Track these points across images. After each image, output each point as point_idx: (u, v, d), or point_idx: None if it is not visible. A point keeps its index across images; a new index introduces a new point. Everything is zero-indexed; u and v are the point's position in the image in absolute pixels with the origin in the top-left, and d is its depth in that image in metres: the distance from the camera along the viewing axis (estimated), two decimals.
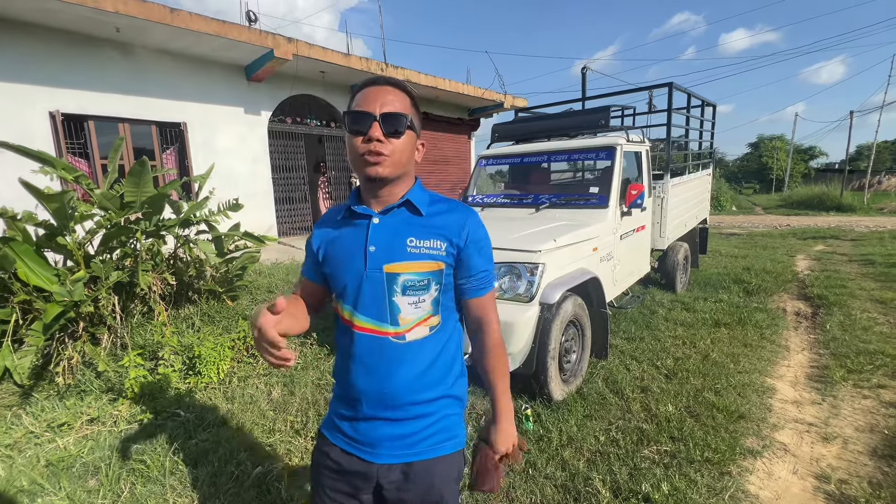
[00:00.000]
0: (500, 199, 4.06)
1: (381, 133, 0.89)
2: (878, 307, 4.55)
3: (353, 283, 0.95)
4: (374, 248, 0.94)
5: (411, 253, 0.93)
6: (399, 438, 0.95)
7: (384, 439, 0.95)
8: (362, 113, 0.89)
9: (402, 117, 0.91)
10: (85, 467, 2.10)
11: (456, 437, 1.01)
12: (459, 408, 1.05)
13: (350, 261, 0.95)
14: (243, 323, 3.60)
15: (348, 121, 0.92)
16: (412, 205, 0.96)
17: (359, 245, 0.95)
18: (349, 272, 0.95)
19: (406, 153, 0.94)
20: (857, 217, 14.61)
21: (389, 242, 0.94)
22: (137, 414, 2.60)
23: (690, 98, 5.17)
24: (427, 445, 0.97)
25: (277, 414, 2.62)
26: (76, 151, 5.85)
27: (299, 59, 6.86)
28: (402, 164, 0.94)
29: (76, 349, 3.17)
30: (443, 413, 0.99)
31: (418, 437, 0.96)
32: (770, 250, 8.14)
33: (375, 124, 0.89)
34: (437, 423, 0.98)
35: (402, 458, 0.95)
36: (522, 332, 2.50)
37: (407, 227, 0.95)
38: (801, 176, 36.17)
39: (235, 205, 4.08)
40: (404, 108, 0.92)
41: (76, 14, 4.96)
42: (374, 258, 0.93)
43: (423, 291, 0.94)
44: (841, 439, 2.37)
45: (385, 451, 0.95)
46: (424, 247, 0.94)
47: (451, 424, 1.01)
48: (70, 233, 3.30)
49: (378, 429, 0.95)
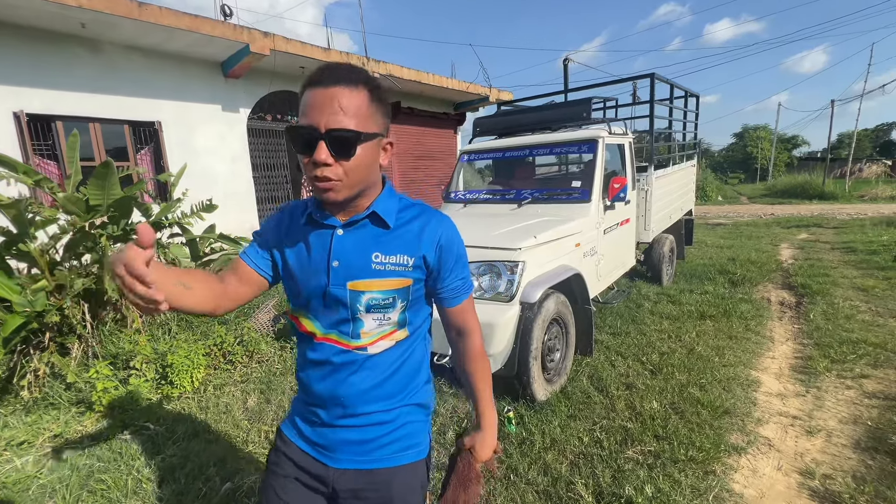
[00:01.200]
0: (482, 194, 3.98)
1: (329, 154, 0.76)
2: (860, 295, 4.58)
3: (315, 297, 0.89)
4: (338, 262, 0.86)
5: (376, 270, 0.87)
6: (358, 444, 0.91)
7: (343, 444, 0.92)
8: (305, 129, 0.76)
9: (352, 135, 0.76)
10: (42, 489, 1.99)
11: (419, 445, 0.96)
12: (423, 415, 0.99)
13: (313, 274, 0.88)
14: (220, 328, 3.48)
15: (290, 138, 0.80)
16: (378, 217, 0.88)
17: (322, 258, 0.88)
18: (311, 286, 0.89)
19: (362, 170, 0.81)
20: (839, 205, 14.84)
21: (353, 258, 0.87)
22: (104, 428, 2.48)
23: (673, 89, 5.13)
24: (387, 453, 0.92)
25: (252, 424, 2.52)
26: (44, 153, 5.62)
27: (277, 55, 6.67)
28: (360, 182, 0.83)
29: (43, 361, 3.04)
30: (404, 420, 0.94)
31: (378, 444, 0.92)
32: (755, 240, 8.19)
33: (321, 144, 0.75)
34: (398, 430, 0.93)
35: (360, 465, 0.91)
36: (503, 332, 2.43)
37: (373, 241, 0.88)
38: (784, 165, 36.70)
39: (209, 206, 3.94)
40: (358, 116, 0.77)
41: (38, 9, 4.73)
42: (336, 274, 0.86)
43: (388, 310, 0.89)
44: (825, 432, 2.35)
45: (343, 455, 0.92)
46: (390, 263, 0.87)
47: (413, 431, 0.96)
48: (32, 239, 3.15)
49: (338, 434, 0.92)
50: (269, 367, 3.29)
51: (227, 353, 3.36)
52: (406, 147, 10.11)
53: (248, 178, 7.59)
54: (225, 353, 3.36)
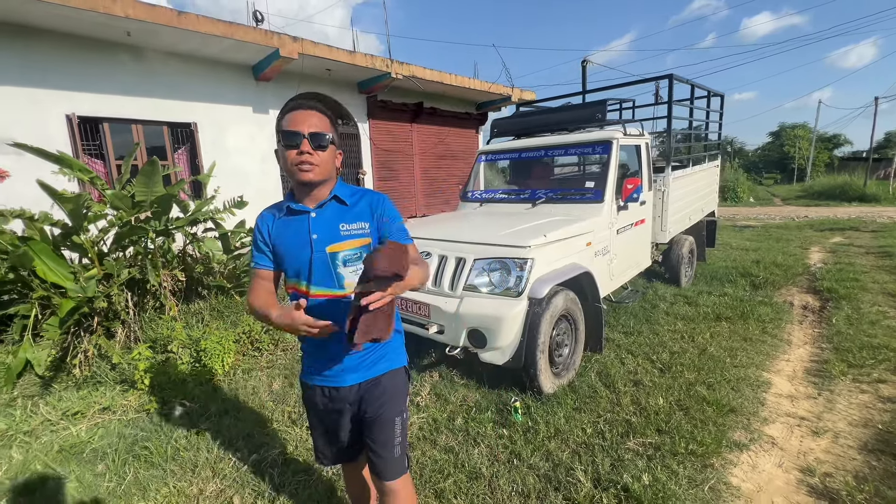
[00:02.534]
0: (497, 194, 4.09)
1: (310, 147, 1.18)
2: (889, 300, 4.44)
3: (305, 264, 1.24)
4: (316, 235, 1.23)
5: (344, 235, 1.24)
6: (357, 367, 1.29)
7: (347, 370, 1.29)
8: (294, 132, 1.17)
9: (325, 136, 1.20)
10: (94, 453, 2.24)
11: (399, 358, 1.37)
12: (399, 337, 1.40)
13: (300, 248, 1.24)
14: (248, 318, 3.72)
15: (282, 138, 1.18)
16: (339, 198, 1.27)
17: (303, 235, 1.24)
18: (301, 256, 1.23)
19: (329, 162, 1.24)
20: (881, 207, 14.12)
21: (327, 229, 1.24)
22: (146, 404, 2.74)
23: (694, 89, 5.08)
24: (378, 366, 1.32)
25: (276, 405, 2.73)
26: (92, 152, 6.07)
27: (305, 58, 6.94)
28: (327, 170, 1.24)
29: (91, 343, 3.35)
30: (384, 343, 1.26)
31: (370, 361, 1.31)
32: (784, 242, 7.96)
33: (305, 141, 1.17)
34: (382, 348, 1.33)
35: (360, 378, 1.30)
36: (511, 326, 2.54)
37: (338, 216, 1.26)
38: (824, 165, 34.95)
39: (240, 202, 4.20)
40: (326, 128, 1.21)
41: (89, 19, 5.13)
42: (317, 243, 1.23)
43: (358, 261, 1.25)
44: (832, 433, 2.36)
45: (349, 376, 1.29)
46: (353, 229, 1.25)
47: (393, 348, 1.36)
48: (84, 232, 3.46)
49: (342, 363, 1.28)
50: (293, 355, 3.51)
51: (254, 340, 3.60)
52: (428, 146, 10.28)
53: (276, 176, 7.92)
54: (253, 341, 3.60)
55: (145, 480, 2.03)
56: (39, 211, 3.46)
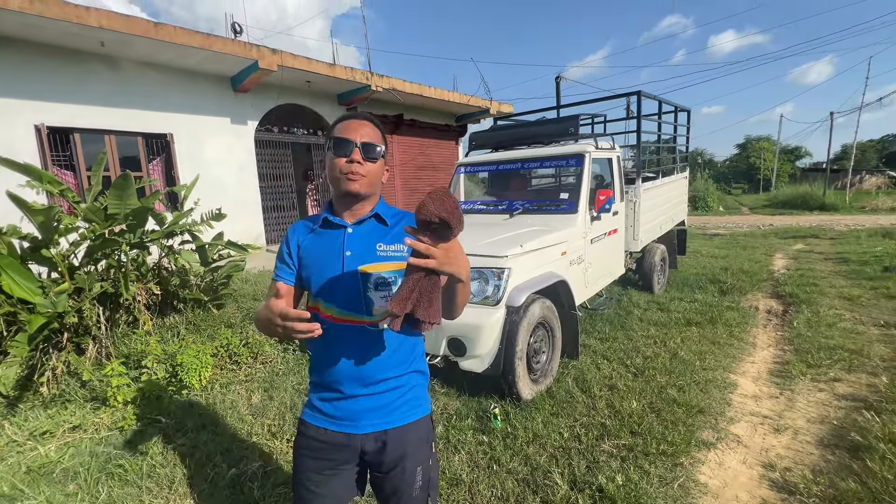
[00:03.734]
0: (476, 205, 4.19)
1: (361, 157, 1.08)
2: (845, 304, 4.72)
3: (332, 282, 1.11)
4: (350, 252, 1.11)
5: (380, 256, 1.12)
6: (376, 409, 1.11)
7: (363, 412, 1.11)
8: (346, 140, 1.08)
9: (377, 147, 1.11)
10: (65, 472, 2.18)
11: (423, 405, 1.19)
12: (424, 380, 1.22)
13: (329, 264, 1.11)
14: (226, 331, 3.68)
15: (333, 145, 1.10)
16: (380, 217, 1.16)
17: (336, 250, 1.12)
18: (329, 273, 1.11)
19: (377, 175, 1.14)
20: (839, 216, 14.92)
21: (362, 247, 1.12)
22: (119, 421, 2.67)
23: (661, 104, 5.34)
24: (400, 413, 1.13)
25: (256, 418, 2.71)
26: (62, 164, 5.91)
27: (284, 70, 6.97)
28: (374, 184, 1.13)
29: (60, 359, 3.24)
30: (411, 385, 1.16)
31: (392, 407, 1.12)
32: (750, 250, 8.33)
33: (356, 150, 1.08)
34: (407, 393, 1.15)
35: (380, 427, 1.11)
36: (490, 334, 2.61)
37: (376, 235, 1.14)
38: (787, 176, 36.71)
39: (218, 214, 4.16)
40: (378, 140, 1.12)
41: (61, 30, 5.04)
42: (350, 261, 1.10)
43: (391, 287, 1.11)
44: (792, 430, 2.50)
45: (365, 421, 1.11)
46: (391, 250, 1.12)
47: (419, 394, 1.18)
48: (55, 245, 3.38)
49: (358, 404, 1.11)
50: (272, 368, 3.48)
51: (233, 354, 3.55)
52: (408, 157, 10.36)
53: (254, 187, 7.86)
54: (231, 355, 3.55)
55: (119, 499, 1.99)
56: (7, 224, 3.35)
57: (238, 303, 4.81)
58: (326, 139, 1.14)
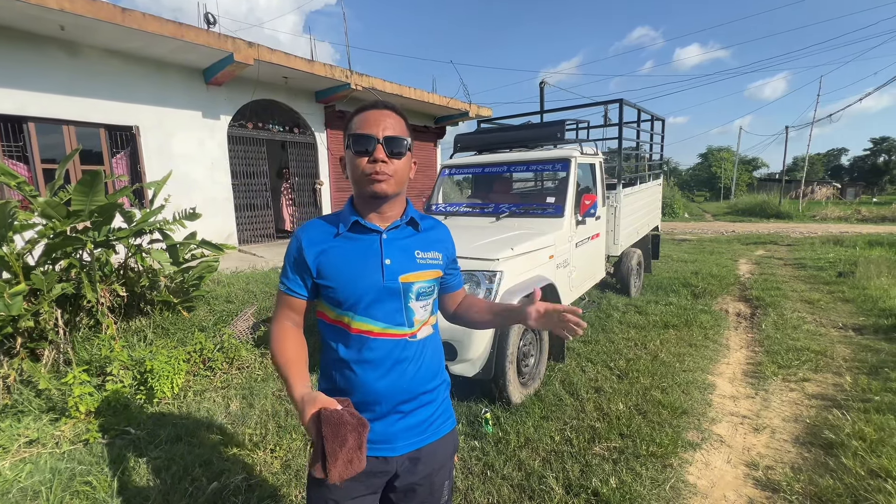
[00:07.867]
0: (462, 207, 4.16)
1: (385, 154, 0.96)
2: (806, 307, 4.99)
3: (369, 294, 0.98)
4: (390, 261, 1.00)
5: (420, 264, 1.04)
6: (412, 428, 1.03)
7: (400, 432, 1.02)
8: (366, 136, 0.96)
9: (402, 140, 0.98)
10: (23, 492, 1.98)
11: (452, 416, 1.15)
12: (448, 390, 1.17)
13: (366, 274, 0.98)
14: (199, 335, 3.49)
15: (352, 142, 0.97)
16: (414, 221, 1.07)
17: (373, 258, 1.00)
18: (365, 283, 0.98)
19: (405, 172, 1.02)
20: (793, 224, 15.86)
21: (401, 255, 1.02)
22: (83, 433, 2.47)
23: (640, 113, 5.50)
24: (434, 428, 1.07)
25: (236, 428, 2.57)
26: (14, 154, 5.48)
27: (261, 64, 6.74)
28: (402, 182, 1.02)
29: (13, 366, 2.98)
30: (442, 397, 1.12)
31: (427, 423, 1.06)
32: (717, 255, 8.69)
33: (379, 146, 0.95)
34: (440, 406, 1.10)
35: (415, 445, 1.04)
36: (481, 338, 2.58)
37: (412, 241, 1.05)
38: (746, 185, 38.80)
39: (192, 214, 3.96)
40: (403, 132, 1.00)
41: (18, 11, 4.68)
42: (390, 270, 1.00)
43: (430, 296, 1.07)
44: (769, 429, 2.60)
45: (401, 442, 1.02)
46: (428, 258, 1.06)
47: (448, 406, 1.14)
48: (8, 243, 3.11)
49: (394, 424, 1.02)
50: (249, 374, 3.33)
51: (206, 359, 3.37)
52: None
53: (227, 184, 7.56)
54: (205, 360, 3.37)
55: None
56: None
57: (210, 305, 4.58)
58: (345, 135, 1.02)
